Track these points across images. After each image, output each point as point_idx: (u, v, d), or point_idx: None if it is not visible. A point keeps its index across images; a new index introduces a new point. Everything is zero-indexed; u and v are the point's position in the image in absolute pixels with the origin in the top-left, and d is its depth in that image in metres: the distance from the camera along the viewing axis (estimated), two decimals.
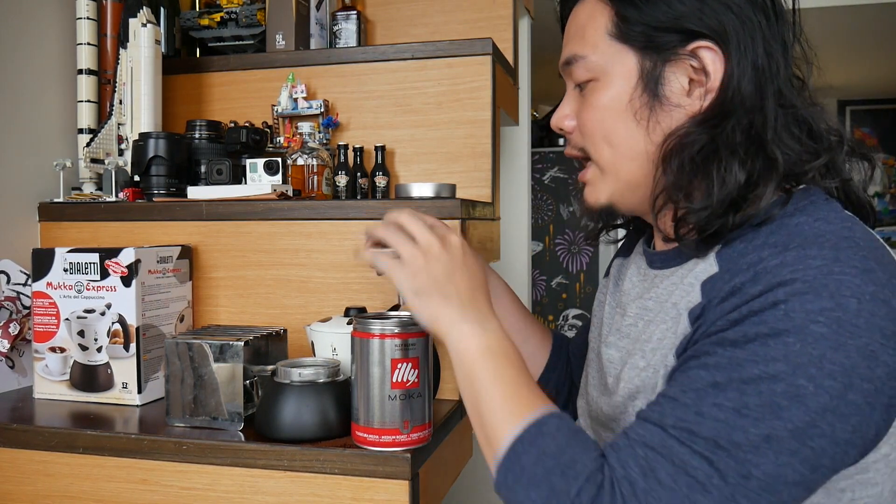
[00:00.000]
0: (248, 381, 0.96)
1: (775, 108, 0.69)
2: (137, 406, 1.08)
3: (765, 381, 0.58)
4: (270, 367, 0.95)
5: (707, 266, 0.70)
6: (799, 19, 0.73)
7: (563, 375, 1.04)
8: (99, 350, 1.10)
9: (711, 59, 0.70)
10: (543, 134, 3.54)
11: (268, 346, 1.01)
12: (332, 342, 1.00)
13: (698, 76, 0.71)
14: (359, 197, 1.41)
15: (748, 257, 0.65)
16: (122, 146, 1.37)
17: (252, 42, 1.54)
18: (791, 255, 0.62)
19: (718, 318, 0.63)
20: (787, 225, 0.67)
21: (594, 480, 0.61)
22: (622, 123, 0.73)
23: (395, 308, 1.06)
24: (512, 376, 0.71)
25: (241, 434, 0.94)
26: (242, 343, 0.95)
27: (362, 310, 1.05)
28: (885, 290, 0.59)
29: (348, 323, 1.01)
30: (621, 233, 0.98)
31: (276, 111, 1.44)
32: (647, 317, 0.77)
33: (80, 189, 1.38)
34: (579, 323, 3.42)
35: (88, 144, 1.36)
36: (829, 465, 0.59)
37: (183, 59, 1.58)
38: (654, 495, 0.58)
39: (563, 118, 0.80)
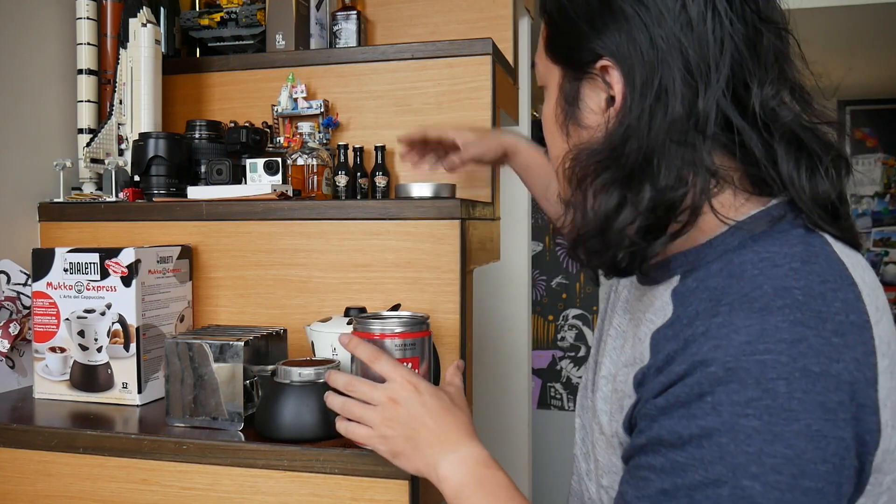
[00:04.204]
0: (248, 381, 0.96)
1: (683, 142, 0.61)
2: (137, 406, 1.08)
3: (709, 486, 0.55)
4: (270, 367, 0.95)
5: (665, 305, 0.65)
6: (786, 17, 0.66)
7: None
8: (99, 350, 1.10)
9: (617, 78, 0.64)
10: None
11: (268, 346, 1.01)
12: (332, 342, 1.01)
13: (605, 90, 0.66)
14: (359, 197, 1.41)
15: (691, 307, 0.61)
16: (122, 146, 1.37)
17: (252, 42, 1.54)
18: (717, 322, 0.57)
19: (650, 396, 0.60)
20: (732, 264, 0.61)
21: None
22: (552, 134, 0.74)
23: (396, 308, 1.07)
24: (506, 497, 0.74)
25: (241, 434, 0.94)
26: (242, 343, 0.95)
27: (362, 310, 1.05)
28: (821, 359, 0.54)
29: (348, 323, 1.01)
30: None
31: (276, 111, 1.44)
32: (613, 333, 0.75)
33: (80, 189, 1.38)
34: (579, 323, 3.43)
35: (88, 144, 1.36)
36: None
37: (183, 59, 1.58)
38: None
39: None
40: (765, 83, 0.63)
